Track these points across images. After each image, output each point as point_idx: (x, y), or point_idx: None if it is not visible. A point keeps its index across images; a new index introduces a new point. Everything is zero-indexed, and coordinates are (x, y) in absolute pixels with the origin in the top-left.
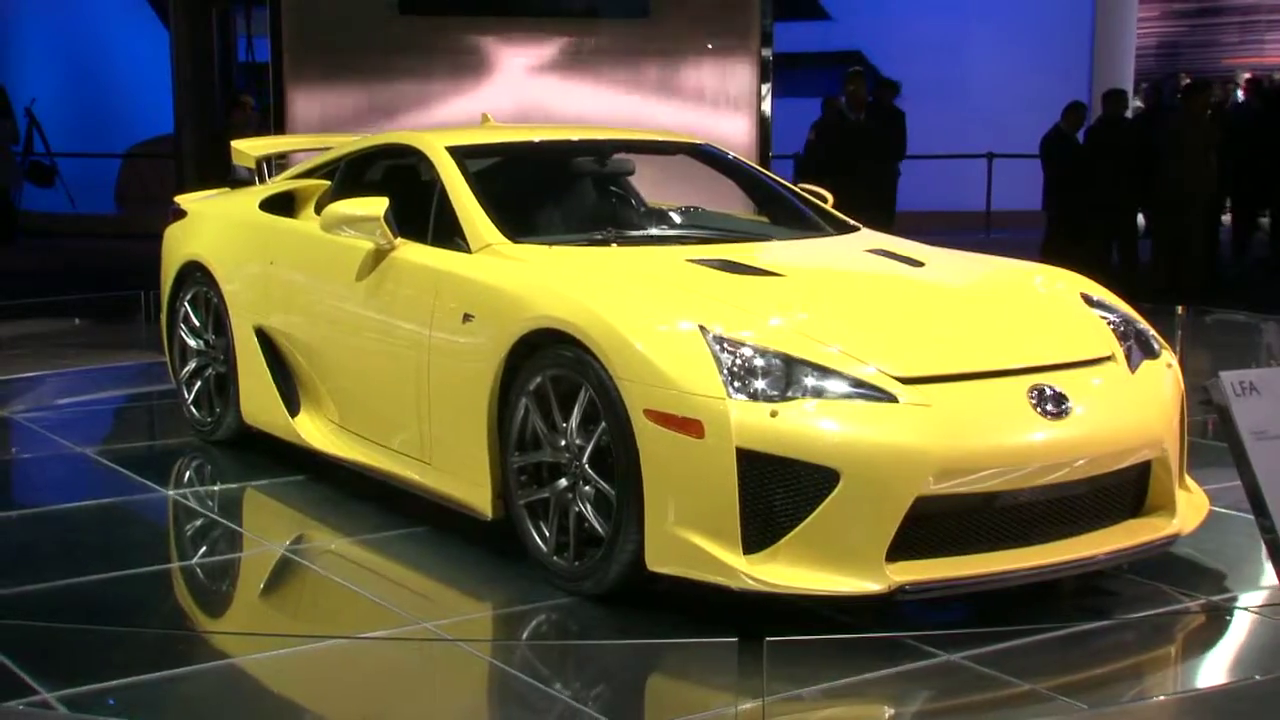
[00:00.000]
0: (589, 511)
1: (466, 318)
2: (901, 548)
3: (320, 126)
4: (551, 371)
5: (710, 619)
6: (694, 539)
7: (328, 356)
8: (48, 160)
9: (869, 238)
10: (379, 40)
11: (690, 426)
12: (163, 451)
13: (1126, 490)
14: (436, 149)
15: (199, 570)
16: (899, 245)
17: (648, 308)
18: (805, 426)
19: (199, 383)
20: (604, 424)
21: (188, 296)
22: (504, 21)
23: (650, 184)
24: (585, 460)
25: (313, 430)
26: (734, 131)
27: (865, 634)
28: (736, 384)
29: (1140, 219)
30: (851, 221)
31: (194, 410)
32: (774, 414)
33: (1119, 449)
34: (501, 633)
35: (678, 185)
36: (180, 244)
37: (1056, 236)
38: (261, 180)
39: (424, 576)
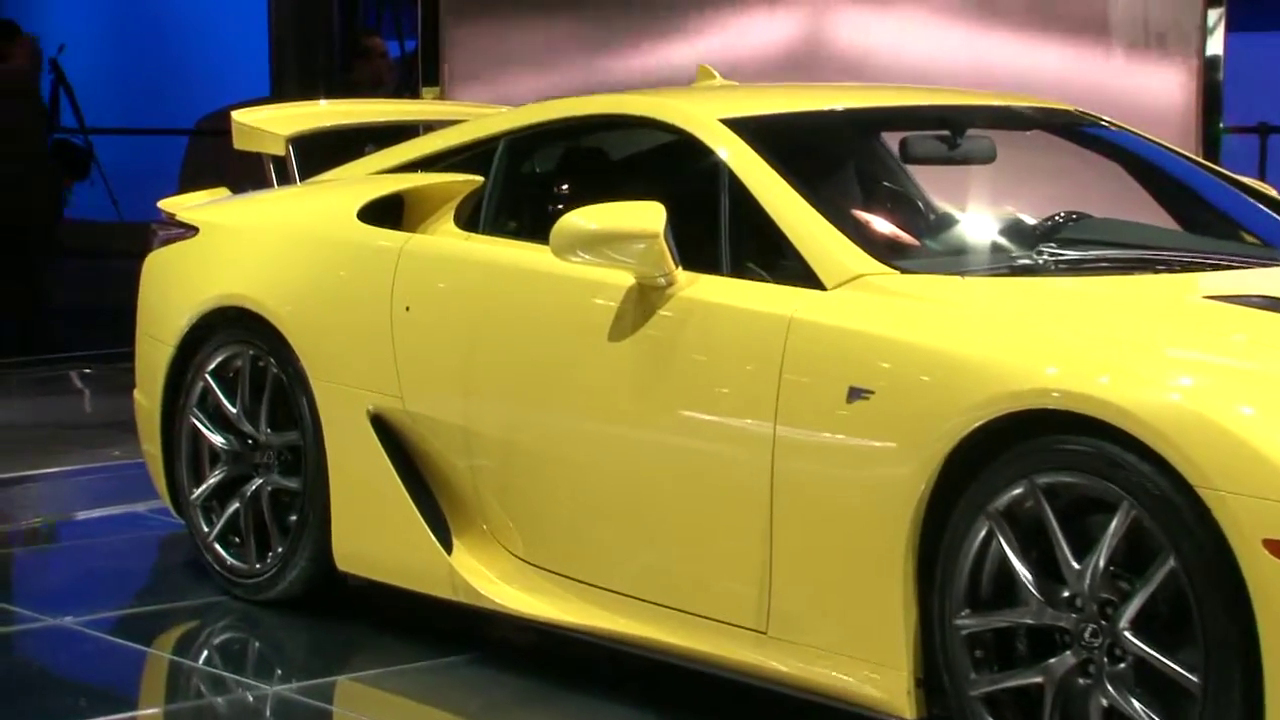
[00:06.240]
0: (1134, 708)
1: (855, 395)
2: None
3: (488, 79)
4: (1045, 478)
5: None
6: None
7: (534, 459)
8: (80, 140)
9: None
10: None
11: None
12: (187, 616)
13: None
14: (710, 125)
15: None
16: None
17: (1228, 377)
18: None
19: (234, 506)
20: (1170, 563)
21: (212, 364)
22: None
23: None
24: (1123, 623)
25: (490, 579)
26: (1158, 88)
27: None
28: None
29: None
30: None
31: (223, 551)
32: None
33: None
34: None
35: (1027, 176)
36: (196, 278)
37: None
38: (286, 175)
39: None
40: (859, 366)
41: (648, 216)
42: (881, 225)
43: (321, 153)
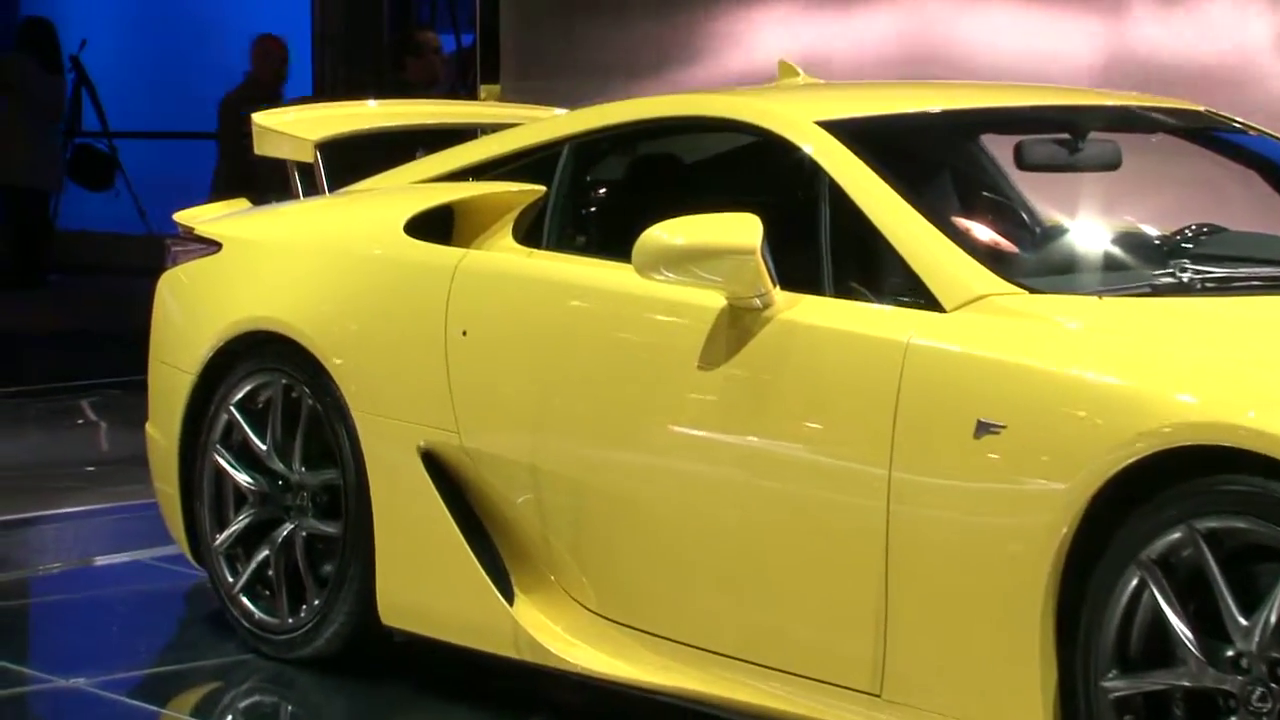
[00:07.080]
0: None
1: (984, 429)
2: None
3: (551, 78)
4: (1207, 523)
5: None
6: None
7: (611, 502)
8: (104, 145)
9: None
10: None
11: None
12: (209, 677)
13: None
14: (805, 128)
15: None
16: None
17: None
18: None
19: (262, 553)
20: None
21: (238, 395)
22: None
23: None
24: None
25: (559, 634)
26: None
27: None
28: None
29: None
30: None
31: (250, 604)
32: None
33: None
34: None
35: (1152, 184)
36: (219, 298)
37: None
38: (317, 184)
39: None
40: (987, 397)
41: (743, 230)
42: (1003, 240)
43: (364, 160)
